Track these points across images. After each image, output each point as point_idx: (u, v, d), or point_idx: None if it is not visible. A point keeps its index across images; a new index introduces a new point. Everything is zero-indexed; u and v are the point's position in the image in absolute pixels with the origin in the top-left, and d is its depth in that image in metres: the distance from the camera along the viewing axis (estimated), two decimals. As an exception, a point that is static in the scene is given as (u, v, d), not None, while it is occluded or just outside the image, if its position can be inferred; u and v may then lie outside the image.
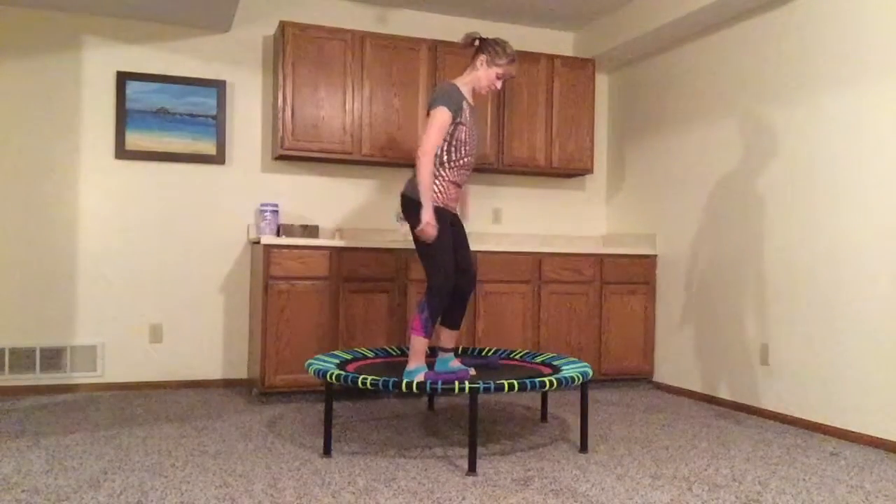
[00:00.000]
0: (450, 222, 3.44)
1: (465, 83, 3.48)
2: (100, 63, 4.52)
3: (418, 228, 3.29)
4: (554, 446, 3.37)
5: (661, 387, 4.96)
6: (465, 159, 3.44)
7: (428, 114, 3.39)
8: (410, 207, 3.41)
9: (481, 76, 3.45)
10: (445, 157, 3.39)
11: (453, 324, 3.55)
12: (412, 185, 3.42)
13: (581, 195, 5.56)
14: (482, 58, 3.44)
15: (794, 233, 3.93)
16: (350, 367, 3.46)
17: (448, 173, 3.41)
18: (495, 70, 3.44)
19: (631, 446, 3.41)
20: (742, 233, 4.28)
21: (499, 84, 3.49)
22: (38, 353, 4.38)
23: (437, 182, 3.39)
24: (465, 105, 3.40)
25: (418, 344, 3.30)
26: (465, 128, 3.38)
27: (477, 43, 3.47)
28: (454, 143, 3.38)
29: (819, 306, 3.77)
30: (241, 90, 4.77)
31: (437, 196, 3.39)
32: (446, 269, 3.33)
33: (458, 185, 3.48)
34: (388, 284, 4.36)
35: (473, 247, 4.49)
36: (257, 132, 4.80)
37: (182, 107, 4.63)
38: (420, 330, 3.30)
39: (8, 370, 4.33)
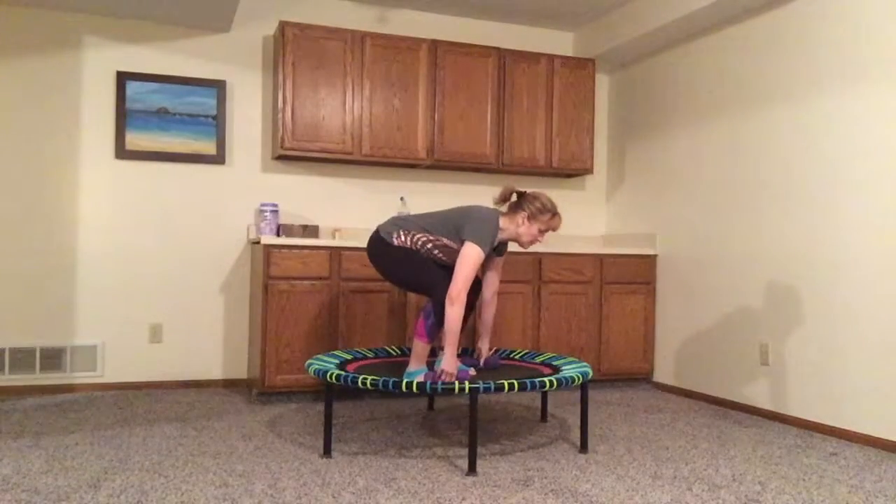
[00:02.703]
0: None
1: (505, 230, 3.37)
2: (100, 63, 4.52)
3: (436, 374, 3.16)
4: (554, 446, 3.37)
5: (661, 387, 4.96)
6: (449, 262, 3.37)
7: (463, 242, 3.23)
8: (381, 249, 3.39)
9: (522, 233, 3.34)
10: (434, 251, 3.35)
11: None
12: (389, 227, 3.39)
13: (581, 195, 5.56)
14: (523, 215, 3.33)
15: (794, 232, 3.93)
16: (350, 367, 3.46)
17: (425, 254, 3.37)
18: (538, 226, 3.34)
19: (631, 446, 3.41)
20: (742, 233, 4.28)
21: (541, 238, 3.39)
22: (38, 353, 4.38)
23: (409, 241, 3.34)
24: (494, 241, 3.34)
25: (420, 347, 3.29)
26: None
27: (515, 197, 3.38)
28: (450, 252, 3.34)
29: (819, 306, 3.77)
30: (241, 90, 4.77)
31: (409, 244, 3.35)
32: (439, 279, 3.26)
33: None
34: (387, 284, 4.35)
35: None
36: (257, 132, 4.80)
37: (182, 107, 4.63)
38: (424, 335, 3.28)
39: (8, 370, 4.33)
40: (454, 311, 3.12)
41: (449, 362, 3.15)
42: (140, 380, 4.58)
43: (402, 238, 3.35)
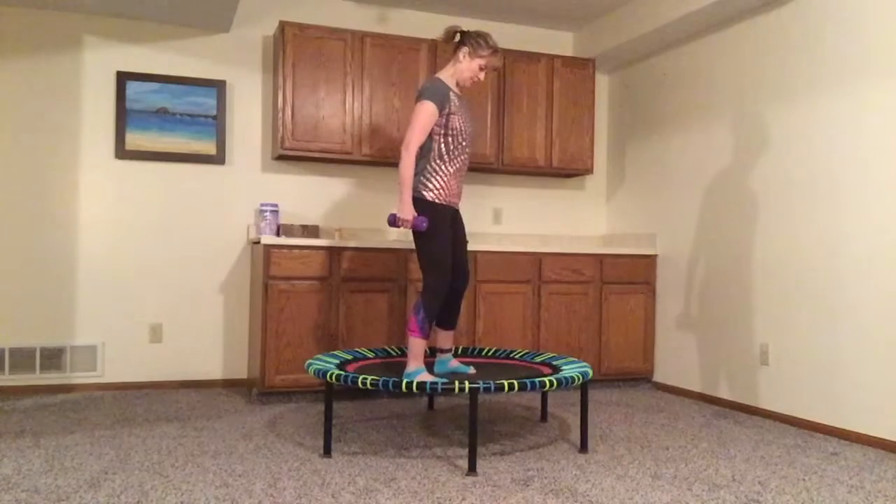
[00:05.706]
0: (451, 219, 3.43)
1: (448, 76, 3.46)
2: (100, 63, 4.52)
3: (397, 215, 3.30)
4: (554, 446, 3.37)
5: (661, 387, 4.96)
6: (462, 147, 3.42)
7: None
8: (414, 205, 3.42)
9: (464, 68, 3.43)
10: (444, 149, 3.37)
11: (449, 324, 3.55)
12: (415, 183, 3.42)
13: (581, 195, 5.56)
14: (464, 50, 3.42)
15: (795, 233, 3.93)
16: (350, 367, 3.46)
17: (448, 167, 3.39)
18: (478, 62, 3.42)
19: (631, 446, 3.41)
20: (742, 233, 4.28)
21: (482, 76, 3.47)
22: (38, 353, 4.38)
23: (437, 178, 3.38)
24: (451, 95, 3.38)
25: (416, 345, 3.30)
26: (457, 116, 3.37)
27: (458, 37, 3.46)
28: (450, 132, 3.36)
29: (819, 306, 3.77)
30: (241, 90, 4.77)
31: (439, 192, 3.38)
32: (444, 267, 3.33)
33: (458, 179, 3.46)
34: (387, 284, 4.36)
35: (473, 247, 4.50)
36: (257, 132, 4.80)
37: (182, 107, 4.63)
38: (417, 331, 3.29)
39: (8, 370, 4.33)
40: (404, 160, 3.30)
41: (403, 209, 3.30)
42: (140, 380, 4.58)
43: (430, 185, 3.38)
